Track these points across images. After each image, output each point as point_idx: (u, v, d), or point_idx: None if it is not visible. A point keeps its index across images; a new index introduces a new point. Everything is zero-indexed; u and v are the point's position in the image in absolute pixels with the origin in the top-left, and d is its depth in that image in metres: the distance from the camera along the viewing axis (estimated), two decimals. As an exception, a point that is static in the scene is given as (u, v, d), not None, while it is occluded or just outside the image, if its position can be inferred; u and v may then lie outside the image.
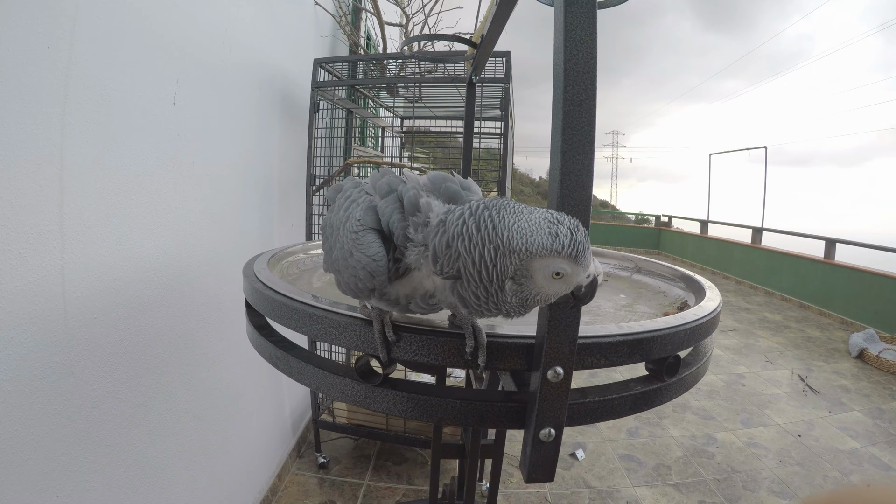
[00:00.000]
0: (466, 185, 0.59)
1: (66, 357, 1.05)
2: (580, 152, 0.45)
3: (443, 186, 0.57)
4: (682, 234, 11.59)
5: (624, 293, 1.09)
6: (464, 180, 0.60)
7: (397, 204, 0.56)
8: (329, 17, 2.58)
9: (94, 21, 1.07)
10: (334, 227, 0.62)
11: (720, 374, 4.05)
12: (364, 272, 0.55)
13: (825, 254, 6.77)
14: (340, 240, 0.59)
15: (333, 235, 0.61)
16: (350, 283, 0.58)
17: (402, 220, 0.55)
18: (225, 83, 1.63)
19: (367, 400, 0.60)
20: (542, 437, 0.51)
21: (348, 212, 0.59)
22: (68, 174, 1.03)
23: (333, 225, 0.62)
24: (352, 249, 0.56)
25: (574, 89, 0.45)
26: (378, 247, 0.55)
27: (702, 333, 0.70)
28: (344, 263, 0.58)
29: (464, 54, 1.33)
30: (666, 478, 2.51)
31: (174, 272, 1.41)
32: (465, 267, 0.50)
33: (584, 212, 0.46)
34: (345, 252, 0.58)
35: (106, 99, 1.12)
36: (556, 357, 0.49)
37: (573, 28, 0.45)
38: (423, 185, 0.57)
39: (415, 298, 0.57)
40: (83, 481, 1.10)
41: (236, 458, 1.84)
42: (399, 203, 0.56)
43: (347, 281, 0.58)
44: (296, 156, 2.26)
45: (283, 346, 0.72)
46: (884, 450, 2.92)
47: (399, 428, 2.34)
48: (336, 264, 0.60)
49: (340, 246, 0.59)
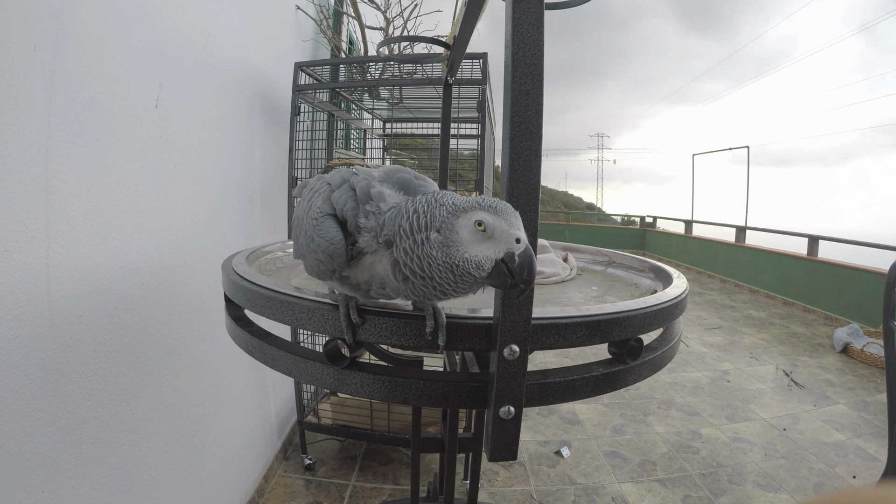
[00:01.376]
0: (420, 177, 0.64)
1: (52, 354, 1.06)
2: (528, 138, 0.48)
3: (395, 177, 0.62)
4: (667, 235, 11.70)
5: (596, 286, 1.12)
6: (418, 173, 0.64)
7: (350, 193, 0.60)
8: (311, 21, 2.61)
9: (79, 25, 1.09)
10: (299, 217, 0.66)
11: (705, 370, 4.10)
12: (325, 255, 0.59)
13: (808, 251, 6.86)
14: (304, 227, 0.63)
15: (299, 225, 0.66)
16: (314, 266, 0.62)
17: (355, 207, 0.60)
18: (207, 86, 1.65)
19: (336, 382, 0.62)
20: (503, 415, 0.54)
21: (311, 202, 0.64)
22: (53, 174, 1.05)
23: (299, 215, 0.67)
24: (313, 235, 0.61)
25: (521, 79, 0.48)
26: (335, 231, 0.59)
27: (663, 317, 0.73)
28: (307, 248, 0.62)
29: (439, 56, 1.36)
30: (651, 473, 2.54)
31: (157, 272, 1.42)
32: (401, 226, 0.54)
33: (532, 195, 0.48)
34: (307, 238, 0.62)
35: (90, 101, 1.13)
36: (511, 335, 0.51)
37: (521, 23, 0.48)
38: (377, 176, 0.63)
39: (373, 284, 0.61)
40: (68, 478, 1.10)
41: (222, 458, 1.85)
42: (352, 192, 0.60)
43: (311, 264, 0.63)
44: (278, 158, 2.28)
45: (258, 335, 0.74)
46: (869, 441, 2.96)
47: (384, 428, 2.35)
48: (302, 250, 0.65)
49: (304, 233, 0.63)
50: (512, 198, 0.49)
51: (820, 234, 6.81)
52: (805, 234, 7.01)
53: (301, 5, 2.48)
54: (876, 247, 5.97)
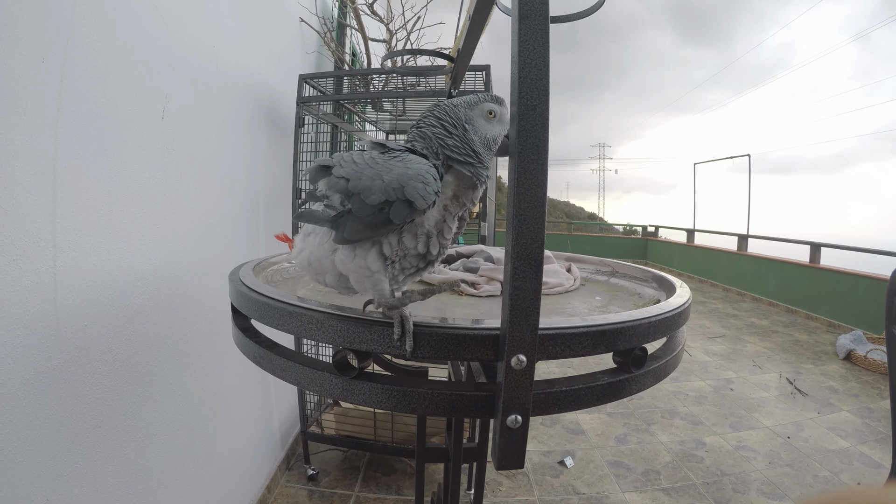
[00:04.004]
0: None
1: (58, 363, 1.07)
2: (535, 152, 0.49)
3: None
4: (670, 244, 11.70)
5: (600, 295, 1.12)
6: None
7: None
8: (314, 34, 2.63)
9: (87, 37, 1.11)
10: (366, 165, 0.66)
11: (708, 379, 4.09)
12: (429, 175, 0.64)
13: (811, 258, 6.87)
14: (385, 167, 0.65)
15: (373, 169, 0.65)
16: (415, 198, 0.62)
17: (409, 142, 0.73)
18: (212, 98, 1.66)
19: (345, 393, 0.62)
20: (510, 424, 0.54)
21: (369, 155, 0.68)
22: (61, 185, 1.06)
23: (363, 165, 0.66)
24: (405, 168, 0.64)
25: (528, 95, 0.49)
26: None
27: (667, 327, 0.74)
28: (404, 178, 0.63)
29: (442, 69, 1.37)
30: (655, 483, 2.53)
31: (163, 282, 1.43)
32: (439, 136, 0.70)
33: (539, 208, 0.49)
34: (399, 173, 0.63)
35: (97, 112, 1.15)
36: (518, 345, 0.52)
37: (527, 39, 0.49)
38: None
39: (433, 232, 0.70)
40: (73, 486, 1.11)
41: (225, 468, 1.85)
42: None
43: (412, 196, 0.62)
44: (282, 169, 2.29)
45: (266, 346, 0.75)
46: (874, 448, 2.96)
47: (387, 438, 2.35)
48: (389, 186, 0.63)
49: (390, 170, 0.64)
50: (519, 210, 0.49)
51: (822, 242, 6.81)
52: (807, 242, 7.02)
53: (305, 18, 2.51)
54: (878, 253, 5.97)
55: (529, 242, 0.50)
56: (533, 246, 0.50)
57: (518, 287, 0.51)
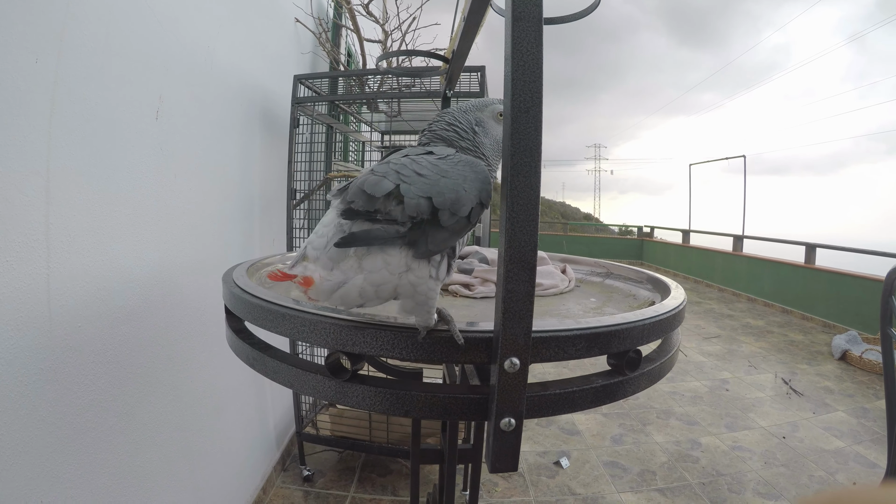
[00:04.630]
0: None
1: (51, 364, 1.07)
2: (528, 154, 0.48)
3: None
4: (665, 245, 11.74)
5: (595, 297, 1.12)
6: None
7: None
8: (310, 34, 2.63)
9: (81, 38, 1.10)
10: (430, 166, 0.64)
11: (704, 380, 4.10)
12: (487, 178, 0.66)
13: (806, 258, 6.89)
14: (453, 169, 0.65)
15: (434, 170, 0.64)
16: (466, 199, 0.62)
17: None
18: (207, 99, 1.66)
19: (338, 395, 0.62)
20: (503, 427, 0.54)
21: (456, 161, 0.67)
22: (54, 185, 1.06)
23: (445, 171, 0.64)
24: (467, 171, 0.65)
25: (521, 97, 0.49)
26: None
27: (661, 329, 0.74)
28: (465, 180, 0.64)
29: (437, 69, 1.37)
30: (651, 483, 2.54)
31: (157, 283, 1.42)
32: (453, 138, 0.74)
33: (532, 210, 0.49)
34: (464, 174, 0.64)
35: (91, 113, 1.14)
36: (511, 348, 0.52)
37: (520, 41, 0.49)
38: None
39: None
40: (67, 488, 1.10)
41: (220, 470, 1.84)
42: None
43: (468, 197, 0.62)
44: (277, 170, 2.29)
45: (259, 348, 0.74)
46: (869, 448, 2.97)
47: (383, 439, 2.35)
48: (456, 187, 0.62)
49: (457, 172, 0.64)
50: (512, 213, 0.49)
51: (817, 242, 6.84)
52: (802, 242, 7.04)
53: (300, 18, 2.50)
54: (873, 253, 6.00)
55: (522, 245, 0.50)
56: (526, 249, 0.50)
57: (511, 290, 0.51)
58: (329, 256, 0.61)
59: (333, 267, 0.61)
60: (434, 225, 0.60)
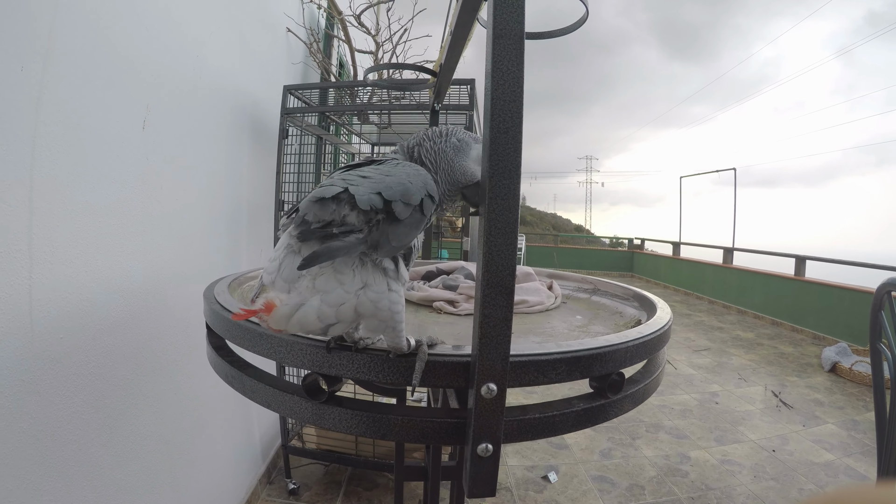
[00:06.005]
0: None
1: (32, 375, 1.05)
2: (506, 176, 0.48)
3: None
4: (656, 257, 11.79)
5: (581, 314, 1.12)
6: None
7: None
8: (301, 44, 2.62)
9: (68, 46, 1.09)
10: (399, 174, 0.65)
11: (693, 393, 4.09)
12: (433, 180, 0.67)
13: (796, 271, 6.94)
14: (411, 173, 0.65)
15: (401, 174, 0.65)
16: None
17: None
18: (195, 108, 1.65)
19: (315, 417, 0.61)
20: (480, 453, 0.53)
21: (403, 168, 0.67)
22: (38, 195, 1.04)
23: (400, 174, 0.65)
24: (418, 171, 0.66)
25: (500, 117, 0.48)
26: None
27: (645, 351, 0.73)
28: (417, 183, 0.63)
29: (426, 82, 1.37)
30: (640, 497, 2.52)
31: (141, 294, 1.41)
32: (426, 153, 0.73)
33: (510, 232, 0.48)
34: (416, 176, 0.65)
35: (77, 122, 1.13)
36: (488, 374, 0.51)
37: (500, 59, 0.48)
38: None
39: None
40: (48, 501, 1.08)
41: (204, 482, 1.82)
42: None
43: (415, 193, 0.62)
44: (265, 181, 2.27)
45: (237, 366, 0.73)
46: (859, 460, 2.97)
47: (369, 453, 2.32)
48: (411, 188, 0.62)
49: (408, 175, 0.64)
50: (490, 236, 0.48)
51: (807, 254, 6.88)
52: (792, 255, 7.09)
53: (291, 28, 2.50)
54: (862, 266, 6.05)
55: (500, 269, 0.49)
56: (504, 273, 0.49)
57: (488, 315, 0.50)
58: (284, 278, 0.59)
59: (290, 289, 0.58)
60: (391, 221, 0.59)
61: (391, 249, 0.59)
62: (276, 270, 0.59)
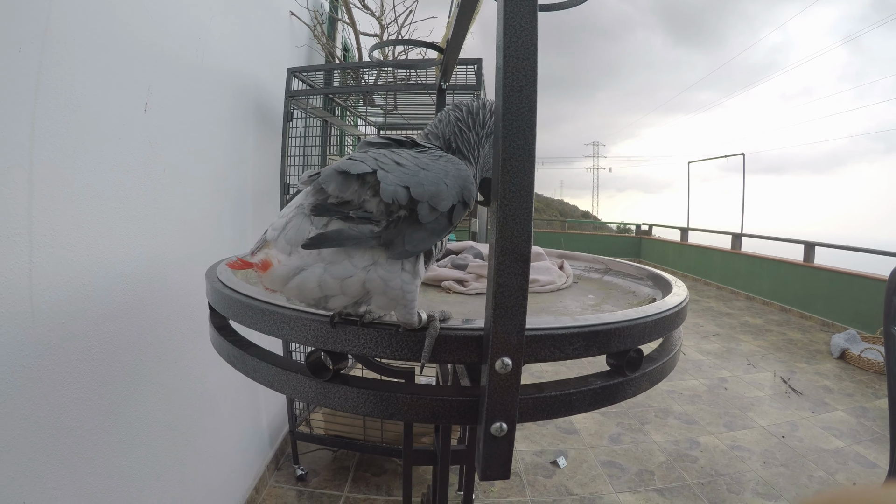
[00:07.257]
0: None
1: (34, 361, 1.03)
2: (521, 137, 0.45)
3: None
4: (663, 242, 11.71)
5: (593, 294, 1.09)
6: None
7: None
8: (305, 27, 2.58)
9: (67, 26, 1.07)
10: (422, 167, 0.59)
11: (702, 378, 4.07)
12: (471, 183, 0.61)
13: (804, 257, 6.87)
14: (449, 171, 0.60)
15: (427, 170, 0.59)
16: (447, 197, 0.57)
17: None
18: (198, 91, 1.62)
19: (319, 396, 0.59)
20: (494, 432, 0.51)
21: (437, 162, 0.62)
22: (38, 178, 1.02)
23: (416, 165, 0.59)
24: (452, 170, 0.60)
25: (514, 75, 0.45)
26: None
27: (663, 327, 0.70)
28: (449, 181, 0.59)
29: (432, 61, 1.34)
30: (649, 483, 2.51)
31: (145, 279, 1.39)
32: (450, 134, 0.69)
33: (526, 196, 0.45)
34: (454, 176, 0.60)
35: (77, 104, 1.11)
36: (503, 347, 0.48)
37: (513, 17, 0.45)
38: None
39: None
40: (51, 489, 1.07)
41: (211, 469, 1.81)
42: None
43: (449, 196, 0.58)
44: (270, 164, 2.25)
45: (240, 345, 0.71)
46: (868, 448, 2.94)
47: (377, 439, 2.31)
48: (439, 187, 0.57)
49: (447, 174, 0.59)
50: (504, 200, 0.46)
51: (816, 241, 6.82)
52: (801, 241, 7.02)
53: (295, 11, 2.46)
54: (872, 252, 5.98)
55: (515, 235, 0.46)
56: (519, 239, 0.46)
57: (502, 284, 0.47)
58: (287, 239, 0.55)
59: (291, 251, 0.55)
60: (412, 223, 0.55)
61: (403, 253, 0.55)
62: (281, 228, 0.56)
